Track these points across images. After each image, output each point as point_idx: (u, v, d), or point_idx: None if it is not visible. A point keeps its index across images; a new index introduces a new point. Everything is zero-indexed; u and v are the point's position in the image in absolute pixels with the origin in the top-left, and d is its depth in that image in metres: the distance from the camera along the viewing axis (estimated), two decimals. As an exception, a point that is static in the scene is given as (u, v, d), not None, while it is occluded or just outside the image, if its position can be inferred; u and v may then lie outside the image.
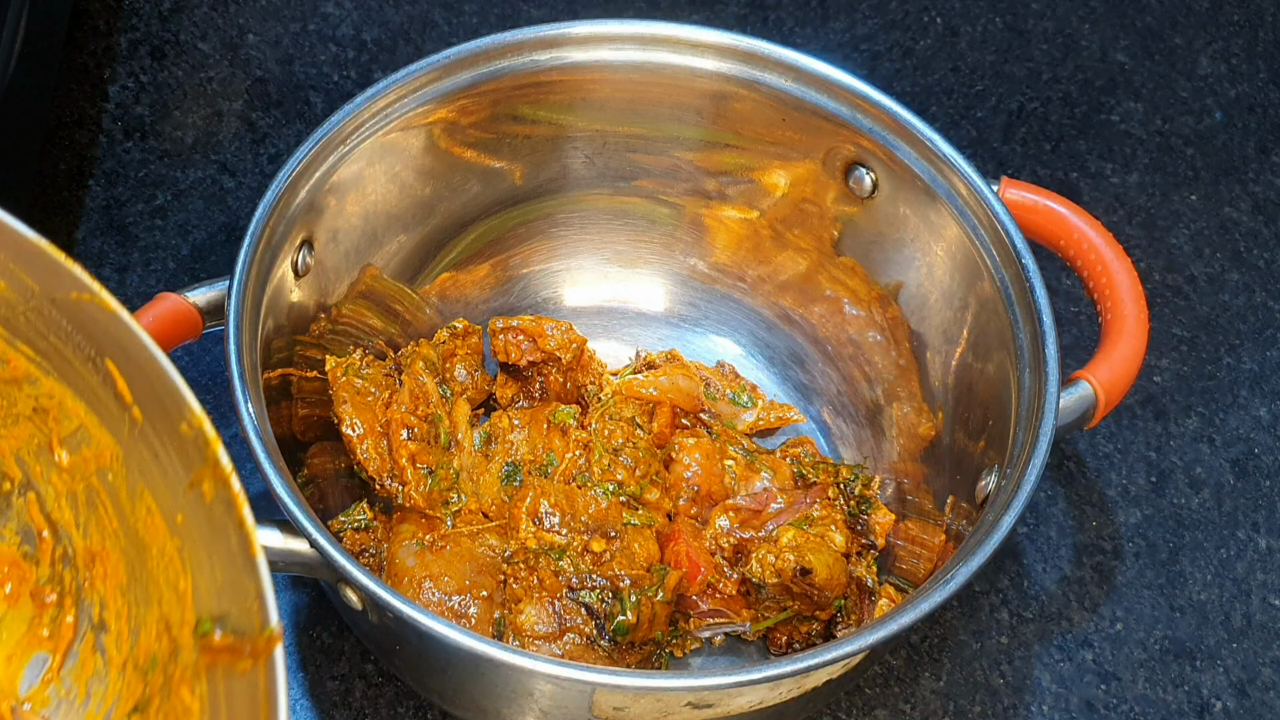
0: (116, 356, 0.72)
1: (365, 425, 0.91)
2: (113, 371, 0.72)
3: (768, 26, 1.22)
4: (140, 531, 0.74)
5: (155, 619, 0.73)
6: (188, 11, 1.19)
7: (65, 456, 0.76)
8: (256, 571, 0.68)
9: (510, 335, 0.99)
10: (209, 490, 0.70)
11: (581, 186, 1.03)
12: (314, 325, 0.94)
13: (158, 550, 0.73)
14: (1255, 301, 1.12)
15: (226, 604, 0.69)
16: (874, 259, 1.00)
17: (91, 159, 1.12)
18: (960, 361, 0.96)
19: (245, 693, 0.67)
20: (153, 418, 0.72)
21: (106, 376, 0.73)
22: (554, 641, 0.87)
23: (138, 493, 0.74)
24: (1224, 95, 1.21)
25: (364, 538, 0.91)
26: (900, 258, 0.98)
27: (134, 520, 0.74)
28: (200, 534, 0.70)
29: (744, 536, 0.93)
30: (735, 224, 1.04)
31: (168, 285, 1.04)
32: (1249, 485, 1.04)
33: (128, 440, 0.73)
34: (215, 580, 0.70)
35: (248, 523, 0.68)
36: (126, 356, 0.71)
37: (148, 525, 0.73)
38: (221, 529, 0.69)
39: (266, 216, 0.87)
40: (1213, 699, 0.96)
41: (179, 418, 0.70)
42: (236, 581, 0.69)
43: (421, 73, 0.93)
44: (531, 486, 0.92)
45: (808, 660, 0.78)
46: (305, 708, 0.93)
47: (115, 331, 0.71)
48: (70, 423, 0.75)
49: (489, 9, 1.21)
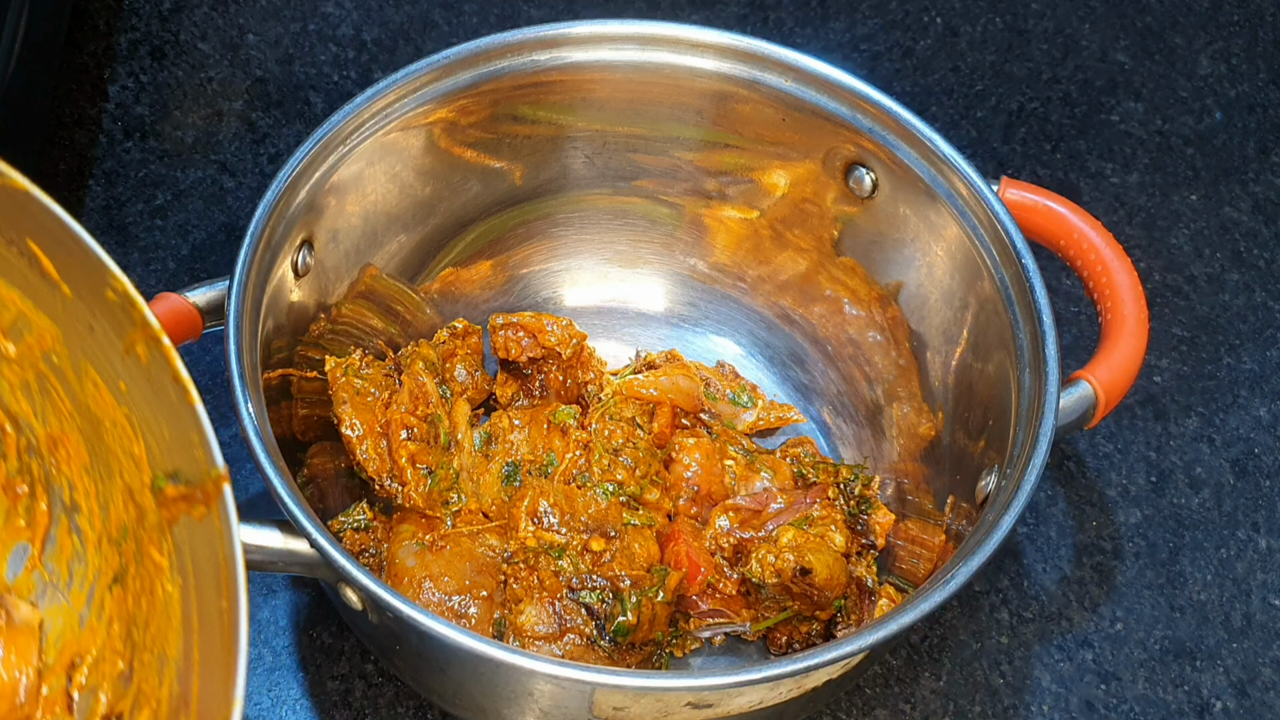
0: (36, 235, 0.73)
1: (365, 425, 0.91)
2: (36, 251, 0.73)
3: (768, 26, 1.22)
4: (92, 407, 0.75)
5: (120, 490, 0.75)
6: (188, 11, 1.19)
7: (12, 348, 0.77)
8: (197, 419, 0.70)
9: (510, 331, 0.99)
10: (143, 352, 0.71)
11: (581, 186, 1.03)
12: (314, 325, 0.94)
13: (110, 422, 0.75)
14: (1255, 301, 1.12)
15: (177, 459, 0.71)
16: (874, 259, 1.00)
17: (91, 159, 1.12)
18: (960, 361, 0.96)
19: (204, 538, 0.70)
20: (80, 291, 0.73)
21: (32, 258, 0.73)
22: (554, 642, 0.87)
23: (82, 369, 0.75)
24: (1224, 95, 1.21)
25: (364, 538, 0.91)
26: (900, 258, 0.98)
27: (84, 398, 0.76)
28: (143, 396, 0.72)
29: (744, 536, 0.93)
30: (735, 224, 1.04)
31: (168, 285, 1.04)
32: (1249, 485, 1.04)
33: (63, 319, 0.75)
34: (164, 438, 0.72)
35: (182, 375, 0.70)
36: (45, 233, 0.72)
37: (97, 400, 0.75)
38: (160, 386, 0.71)
39: (266, 216, 0.87)
40: (1213, 699, 0.96)
41: (103, 285, 0.71)
42: (181, 434, 0.71)
43: (421, 73, 0.93)
44: (531, 486, 0.92)
45: (808, 660, 0.78)
46: (305, 708, 0.93)
47: (31, 209, 0.72)
48: (8, 312, 0.76)
49: (489, 9, 1.21)
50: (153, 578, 0.73)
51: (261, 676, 0.93)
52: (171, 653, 0.72)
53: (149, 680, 0.73)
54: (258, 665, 0.94)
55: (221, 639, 0.68)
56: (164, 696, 0.72)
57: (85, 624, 0.78)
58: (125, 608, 0.76)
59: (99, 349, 0.74)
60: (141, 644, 0.74)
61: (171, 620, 0.72)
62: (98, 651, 0.77)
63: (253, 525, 0.80)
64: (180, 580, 0.72)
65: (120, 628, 0.76)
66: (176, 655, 0.72)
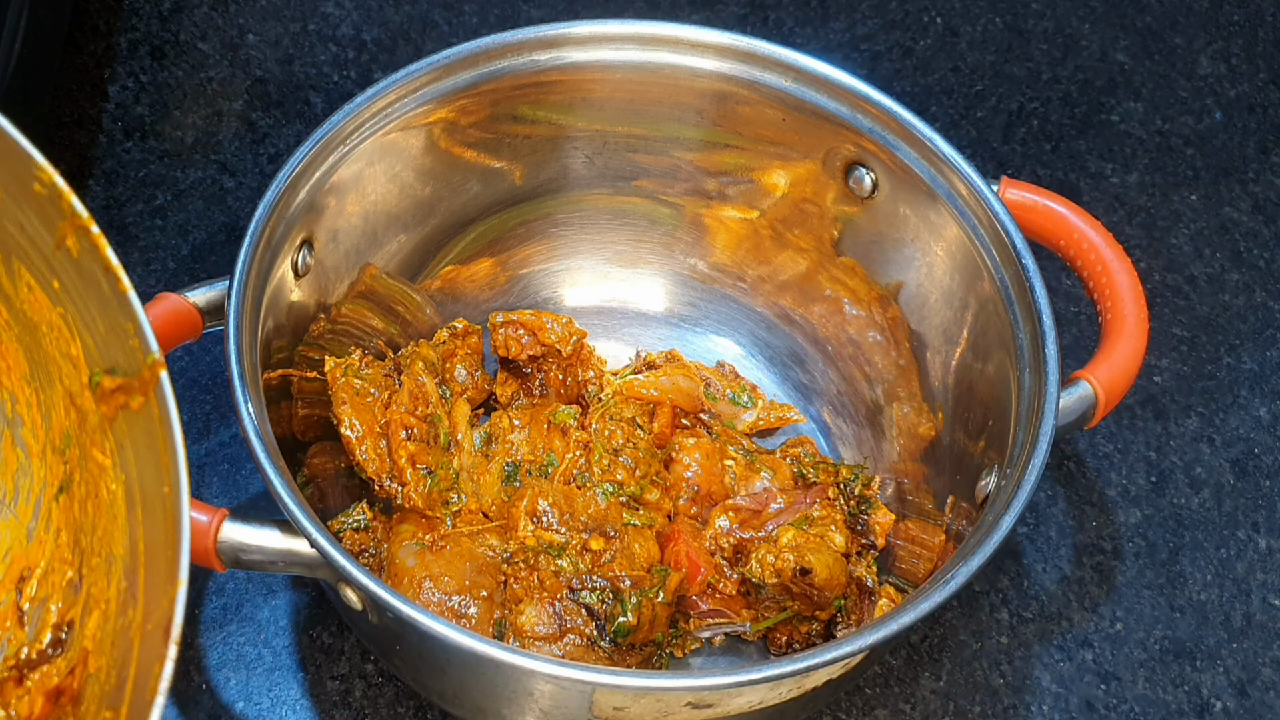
0: None
1: (364, 426, 0.91)
2: None
3: (768, 26, 1.22)
4: (28, 313, 0.75)
5: (60, 396, 0.75)
6: (188, 11, 1.19)
7: None
8: (130, 307, 0.69)
9: (510, 329, 0.99)
10: (73, 244, 0.70)
11: (581, 186, 1.03)
12: (314, 325, 0.94)
13: (46, 326, 0.74)
14: (1255, 301, 1.12)
15: (113, 353, 0.71)
16: (874, 259, 1.00)
17: (91, 159, 1.12)
18: (960, 361, 0.96)
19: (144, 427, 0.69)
20: (8, 187, 0.72)
21: None
22: (554, 643, 0.87)
23: (16, 273, 0.74)
24: (1224, 95, 1.21)
25: (363, 538, 0.91)
26: (900, 258, 0.98)
27: (19, 303, 0.75)
28: (77, 291, 0.71)
29: (744, 536, 0.93)
30: (735, 224, 1.04)
31: (168, 285, 1.04)
32: (1249, 485, 1.04)
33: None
34: (99, 333, 0.71)
35: (112, 262, 0.69)
36: None
37: (32, 304, 0.74)
38: (92, 278, 0.70)
39: (266, 216, 0.87)
40: (1213, 699, 0.96)
41: (30, 179, 0.71)
42: (116, 325, 0.70)
43: (421, 73, 0.93)
44: (530, 486, 0.92)
45: (808, 660, 0.78)
46: (305, 708, 0.93)
47: None
48: None
49: (489, 9, 1.21)
50: (97, 480, 0.73)
51: (261, 676, 0.94)
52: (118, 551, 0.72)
53: (98, 584, 0.73)
54: (258, 665, 0.94)
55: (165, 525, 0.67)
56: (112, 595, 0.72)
57: (34, 537, 0.77)
58: (72, 515, 0.75)
59: (31, 248, 0.72)
60: (90, 549, 0.74)
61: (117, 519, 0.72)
62: (46, 563, 0.76)
63: (253, 525, 0.81)
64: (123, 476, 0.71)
65: (68, 536, 0.75)
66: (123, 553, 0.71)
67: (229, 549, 0.80)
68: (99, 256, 0.69)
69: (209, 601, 0.96)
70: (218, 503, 0.90)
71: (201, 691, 0.93)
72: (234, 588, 0.96)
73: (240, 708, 0.93)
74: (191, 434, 1.01)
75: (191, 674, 0.93)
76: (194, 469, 1.00)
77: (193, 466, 1.00)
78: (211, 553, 0.80)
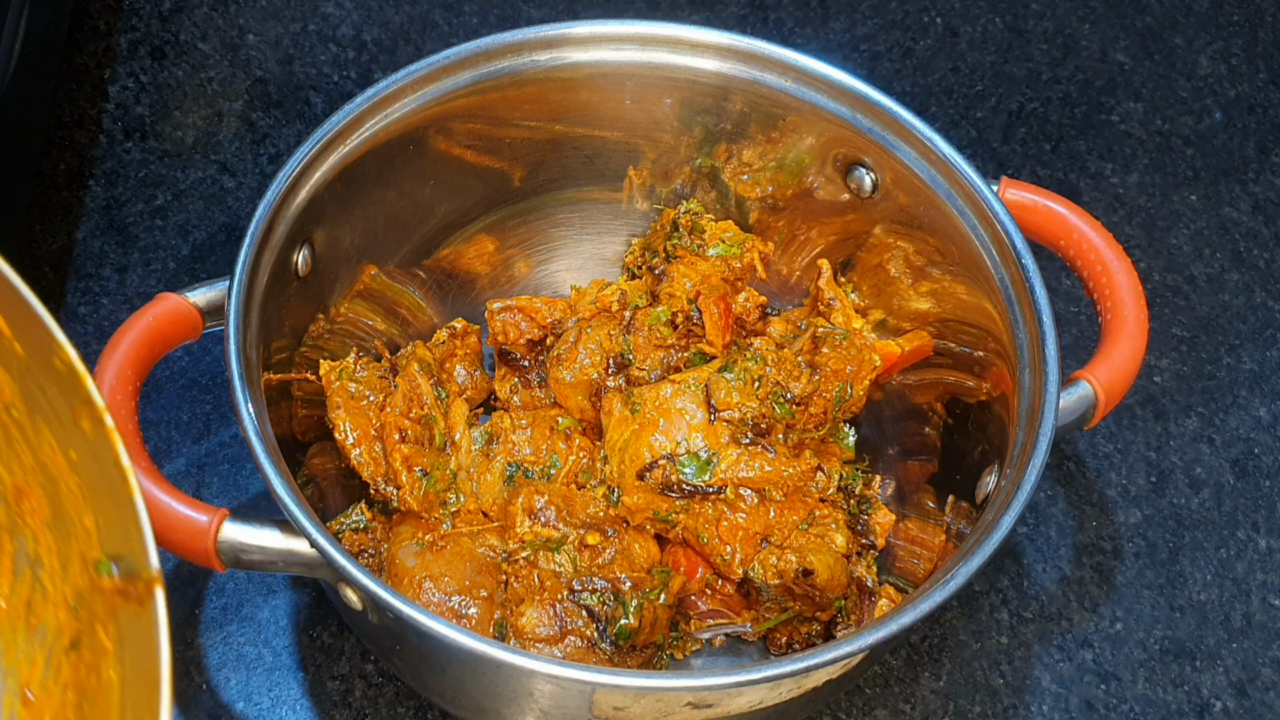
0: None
1: (359, 430, 0.91)
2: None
3: (768, 26, 1.22)
4: (50, 466, 0.73)
5: (76, 554, 0.72)
6: (188, 11, 1.19)
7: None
8: (136, 512, 0.66)
9: (508, 315, 0.99)
10: (88, 427, 0.69)
11: (581, 186, 1.03)
12: (314, 325, 0.94)
13: (65, 487, 0.72)
14: (1255, 301, 1.12)
15: (120, 543, 0.68)
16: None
17: (91, 159, 1.12)
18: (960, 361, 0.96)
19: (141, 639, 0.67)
20: (31, 353, 0.70)
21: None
22: (555, 644, 0.87)
23: (39, 429, 0.72)
24: (1224, 95, 1.21)
25: (362, 538, 0.91)
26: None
27: (43, 456, 0.73)
28: (91, 470, 0.70)
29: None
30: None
31: (168, 285, 1.04)
32: (1249, 485, 1.04)
33: (19, 376, 0.72)
34: (109, 518, 0.69)
35: (123, 461, 0.67)
36: None
37: (53, 461, 0.72)
38: (104, 466, 0.68)
39: (266, 216, 0.87)
40: (1213, 699, 0.96)
41: (50, 352, 0.69)
42: (124, 521, 0.68)
43: (421, 73, 0.93)
44: (528, 484, 0.92)
45: (808, 660, 0.78)
46: (305, 708, 0.93)
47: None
48: None
49: (489, 9, 1.21)
50: (99, 658, 0.70)
51: (261, 676, 0.94)
52: None
53: None
54: (258, 665, 0.94)
55: None
56: None
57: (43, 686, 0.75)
58: (80, 677, 0.72)
59: (52, 414, 0.71)
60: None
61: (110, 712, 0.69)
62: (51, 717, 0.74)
63: (253, 525, 0.81)
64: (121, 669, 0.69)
65: (74, 696, 0.73)
66: None
67: (229, 549, 0.80)
68: (111, 450, 0.67)
69: (209, 601, 0.96)
70: (218, 503, 0.90)
71: (201, 691, 0.93)
72: (234, 588, 0.96)
73: (240, 708, 0.93)
74: (191, 434, 1.01)
75: (191, 674, 0.93)
76: (194, 469, 1.00)
77: (193, 466, 1.00)
78: (211, 553, 0.80)
